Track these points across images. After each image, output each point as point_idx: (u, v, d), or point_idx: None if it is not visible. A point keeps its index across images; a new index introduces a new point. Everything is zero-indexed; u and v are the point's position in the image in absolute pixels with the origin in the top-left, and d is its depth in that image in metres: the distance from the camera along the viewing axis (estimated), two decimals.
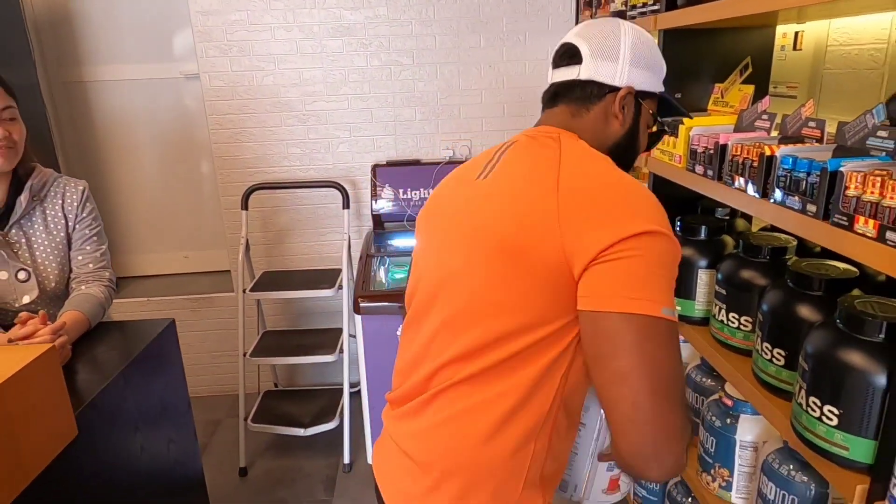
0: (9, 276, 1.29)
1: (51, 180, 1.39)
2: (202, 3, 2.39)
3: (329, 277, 2.43)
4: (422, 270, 0.97)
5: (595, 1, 2.22)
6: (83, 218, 1.40)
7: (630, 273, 0.76)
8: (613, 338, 0.74)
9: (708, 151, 1.37)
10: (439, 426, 0.88)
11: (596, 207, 0.80)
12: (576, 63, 0.91)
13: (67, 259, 1.39)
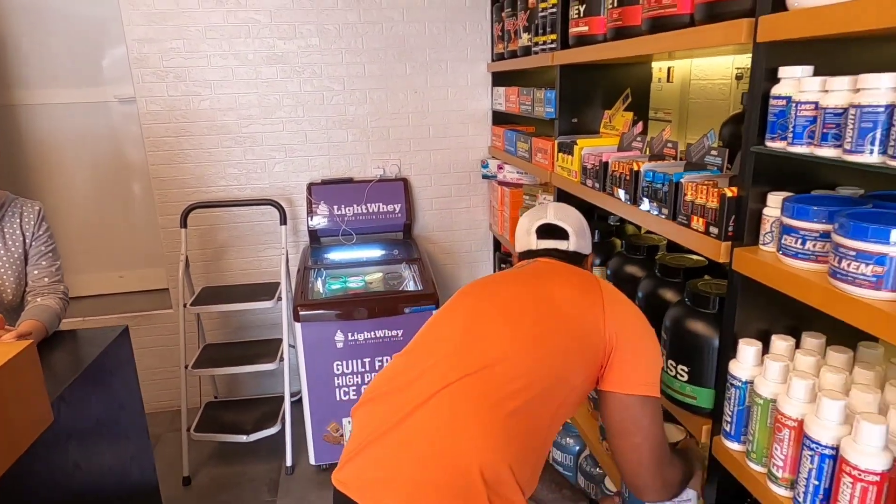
0: None
1: (8, 201, 1.48)
2: (138, 32, 2.50)
3: (268, 290, 2.56)
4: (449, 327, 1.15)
5: (506, 36, 2.50)
6: (39, 235, 1.50)
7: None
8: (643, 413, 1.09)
9: (595, 168, 1.64)
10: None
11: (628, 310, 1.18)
12: (564, 239, 1.28)
13: (24, 273, 1.49)
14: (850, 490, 0.84)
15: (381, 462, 0.99)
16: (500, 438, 0.97)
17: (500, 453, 0.96)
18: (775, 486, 0.99)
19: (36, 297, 1.48)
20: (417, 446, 0.98)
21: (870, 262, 0.78)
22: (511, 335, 1.06)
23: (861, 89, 0.80)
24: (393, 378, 1.10)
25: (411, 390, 1.03)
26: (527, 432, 1.01)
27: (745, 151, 1.02)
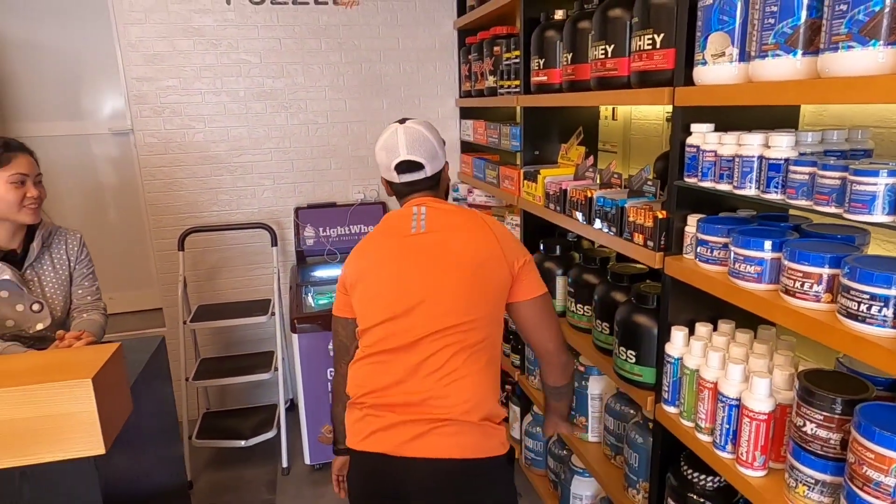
0: (24, 308, 1.58)
1: (54, 229, 1.70)
2: (137, 71, 2.72)
3: (260, 306, 2.79)
4: (394, 287, 1.33)
5: (473, 76, 2.84)
6: (81, 259, 1.73)
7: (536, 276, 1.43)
8: (543, 308, 1.40)
9: (556, 194, 1.97)
10: (465, 385, 1.32)
11: (514, 241, 1.42)
12: (420, 170, 1.43)
13: (69, 293, 1.70)
14: (749, 428, 1.17)
15: (396, 419, 1.30)
16: (486, 384, 1.35)
17: (489, 394, 1.35)
18: (701, 434, 1.32)
19: (82, 313, 1.70)
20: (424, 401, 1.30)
21: (752, 264, 1.13)
22: (454, 296, 1.32)
23: (742, 144, 1.15)
24: (383, 342, 1.33)
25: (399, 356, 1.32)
26: (496, 372, 1.40)
27: (671, 184, 1.37)
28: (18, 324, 1.58)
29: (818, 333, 0.99)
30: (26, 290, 1.59)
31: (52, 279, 1.66)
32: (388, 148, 1.43)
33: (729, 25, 1.15)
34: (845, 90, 0.89)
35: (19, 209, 1.55)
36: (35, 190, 1.58)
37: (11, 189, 1.54)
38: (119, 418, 1.19)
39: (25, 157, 1.60)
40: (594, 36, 1.67)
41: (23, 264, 1.62)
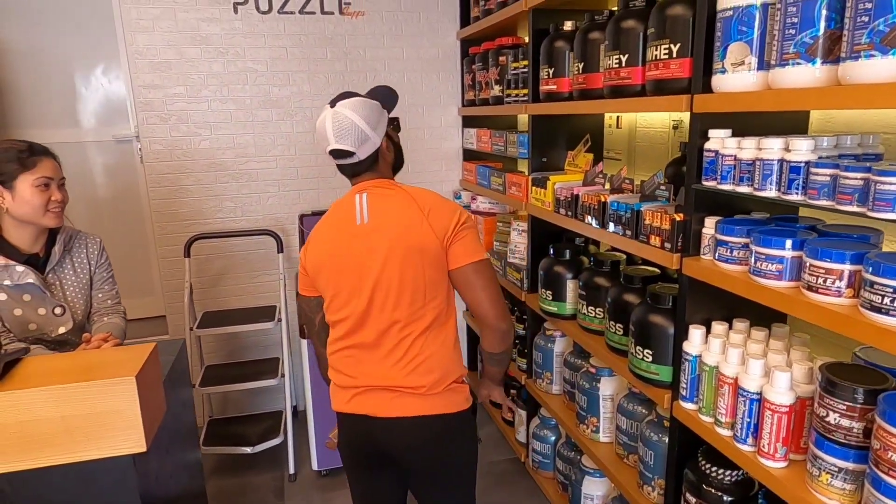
0: (46, 311, 1.58)
1: (74, 234, 1.71)
2: (144, 79, 2.73)
3: (266, 313, 2.79)
4: (348, 286, 1.42)
5: (477, 86, 2.89)
6: (102, 264, 1.73)
7: (471, 240, 1.44)
8: (478, 274, 1.42)
9: (567, 199, 2.02)
10: (430, 364, 1.43)
11: (442, 210, 1.43)
12: (352, 155, 1.43)
13: (90, 297, 1.70)
14: (771, 420, 1.22)
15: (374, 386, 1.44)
16: (448, 356, 1.46)
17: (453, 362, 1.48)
18: (721, 428, 1.36)
19: (103, 317, 1.70)
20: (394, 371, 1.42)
21: (774, 262, 1.18)
22: (400, 288, 1.39)
23: (762, 148, 1.20)
24: (349, 338, 1.45)
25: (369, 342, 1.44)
26: (454, 339, 1.49)
27: (688, 188, 1.42)
28: (41, 327, 1.58)
29: (842, 326, 1.04)
30: (49, 294, 1.59)
31: (73, 283, 1.67)
32: (319, 135, 1.45)
33: (748, 36, 1.21)
34: (870, 96, 0.95)
35: (44, 213, 1.56)
36: (59, 194, 1.59)
37: (37, 193, 1.55)
38: (156, 418, 1.20)
39: (50, 161, 1.60)
40: (608, 46, 1.73)
41: (45, 268, 1.62)
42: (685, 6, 1.43)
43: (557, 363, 2.32)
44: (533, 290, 2.39)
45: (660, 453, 1.66)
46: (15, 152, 1.55)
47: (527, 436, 2.61)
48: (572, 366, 2.20)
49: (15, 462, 1.07)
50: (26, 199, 1.53)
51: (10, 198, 1.53)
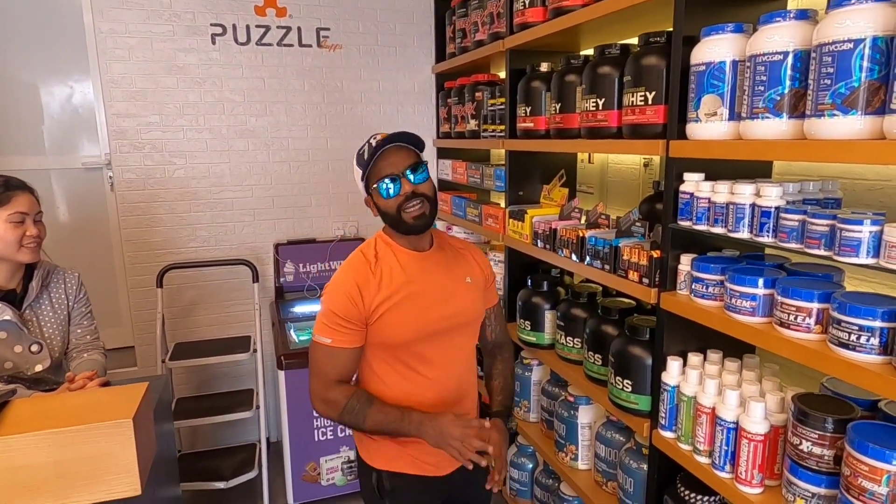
0: (23, 349, 1.54)
1: (52, 269, 1.67)
2: (118, 108, 2.71)
3: (241, 343, 2.76)
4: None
5: (452, 119, 2.97)
6: (80, 299, 1.70)
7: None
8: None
9: (545, 233, 2.09)
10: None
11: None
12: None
13: (67, 333, 1.67)
14: (747, 448, 1.29)
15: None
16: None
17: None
18: (700, 456, 1.43)
19: (82, 353, 1.66)
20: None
21: (748, 299, 1.26)
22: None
23: (735, 193, 1.29)
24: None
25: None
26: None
27: (665, 227, 1.50)
28: (17, 365, 1.54)
29: (812, 361, 1.12)
30: (26, 331, 1.55)
31: (50, 319, 1.63)
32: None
33: (720, 89, 1.31)
34: (833, 151, 1.05)
35: (18, 248, 1.52)
36: (35, 228, 1.56)
37: (10, 228, 1.52)
38: (148, 459, 1.19)
39: (26, 196, 1.58)
40: (585, 90, 1.82)
41: (22, 304, 1.58)
42: (658, 57, 1.53)
43: (535, 391, 2.36)
44: (510, 319, 2.44)
45: (639, 480, 1.72)
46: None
47: None
48: (550, 394, 2.25)
49: None
50: (0, 235, 1.50)
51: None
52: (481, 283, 1.56)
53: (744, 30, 1.30)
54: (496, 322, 1.65)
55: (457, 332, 1.50)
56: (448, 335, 1.48)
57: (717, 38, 1.31)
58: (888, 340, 1.02)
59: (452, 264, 1.52)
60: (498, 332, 1.67)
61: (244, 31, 2.83)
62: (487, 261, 1.62)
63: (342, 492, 2.65)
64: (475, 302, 1.53)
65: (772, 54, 1.17)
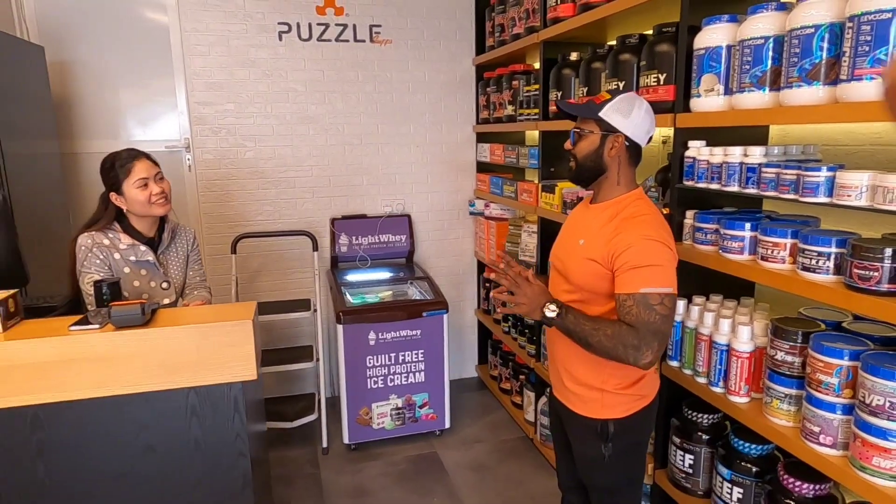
0: (156, 285, 1.94)
1: (177, 226, 2.08)
2: (199, 97, 3.11)
3: (302, 305, 3.13)
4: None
5: (491, 106, 3.28)
6: (194, 248, 2.11)
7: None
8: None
9: (573, 202, 2.38)
10: None
11: None
12: None
13: (185, 274, 2.07)
14: (736, 365, 1.57)
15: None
16: None
17: None
18: (699, 377, 1.71)
19: (194, 290, 2.07)
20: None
21: (736, 241, 1.54)
22: None
23: (727, 154, 1.57)
24: None
25: None
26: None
27: (673, 187, 1.79)
28: (150, 297, 1.92)
29: (783, 284, 1.40)
30: (161, 271, 1.95)
31: (175, 263, 2.03)
32: (653, 118, 1.47)
33: (716, 69, 1.59)
34: (800, 114, 1.32)
35: (149, 205, 1.90)
36: (157, 186, 1.92)
37: (139, 192, 1.88)
38: (258, 354, 1.54)
39: (143, 162, 1.92)
40: (608, 74, 2.11)
41: (157, 250, 1.98)
42: (669, 44, 1.82)
43: None
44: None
45: None
46: (113, 164, 1.90)
47: (535, 414, 2.93)
48: None
49: (160, 382, 1.40)
50: (134, 199, 1.88)
51: (123, 201, 1.89)
52: (598, 254, 1.41)
53: (738, 20, 1.57)
54: (628, 317, 1.35)
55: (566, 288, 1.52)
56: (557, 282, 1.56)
57: (714, 27, 1.59)
58: (840, 263, 1.29)
59: (589, 223, 1.50)
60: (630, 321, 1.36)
61: (307, 29, 3.19)
62: (628, 242, 1.35)
63: (391, 435, 2.99)
64: (582, 264, 1.45)
65: (756, 39, 1.44)
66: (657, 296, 1.32)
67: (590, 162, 1.48)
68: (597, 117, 1.43)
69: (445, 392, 3.03)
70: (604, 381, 1.48)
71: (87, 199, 3.24)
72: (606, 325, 1.36)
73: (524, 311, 1.43)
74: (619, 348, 1.33)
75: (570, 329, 1.40)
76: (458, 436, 3.12)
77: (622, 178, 1.47)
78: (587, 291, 1.46)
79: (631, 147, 1.45)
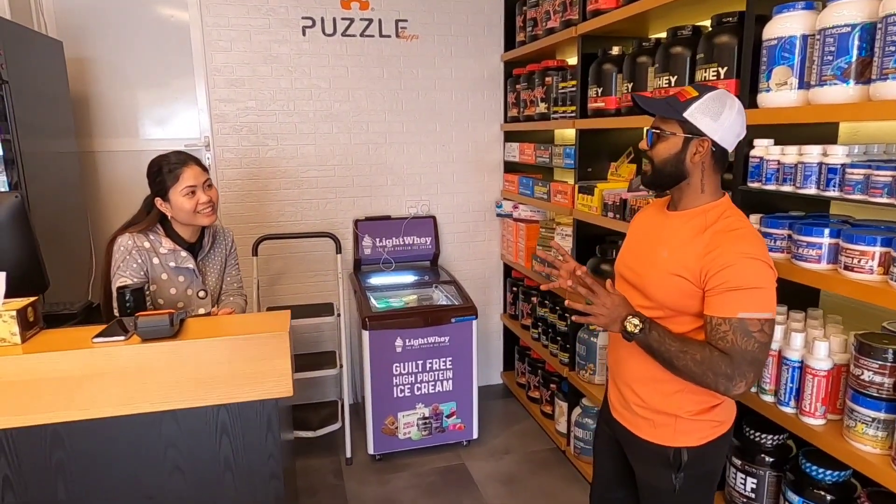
0: (193, 293, 1.83)
1: (217, 228, 1.97)
2: (220, 93, 3.01)
3: (325, 309, 3.02)
4: None
5: (521, 103, 3.16)
6: (232, 253, 2.02)
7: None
8: None
9: (615, 204, 2.26)
10: None
11: None
12: None
13: (222, 280, 1.97)
14: (811, 384, 1.43)
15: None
16: None
17: None
18: (764, 395, 1.58)
19: (229, 296, 1.97)
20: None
21: (814, 248, 1.41)
22: None
23: (803, 153, 1.44)
24: None
25: None
26: None
27: (735, 189, 1.65)
28: (186, 306, 1.82)
29: (873, 296, 1.26)
30: (199, 279, 1.84)
31: (214, 270, 1.93)
32: (745, 119, 1.31)
33: (790, 61, 1.46)
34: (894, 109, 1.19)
35: (195, 215, 1.79)
36: (205, 195, 1.80)
37: (185, 200, 1.77)
38: (293, 369, 1.43)
39: (191, 169, 1.80)
40: (658, 68, 1.98)
41: (197, 256, 1.88)
42: (730, 35, 1.69)
43: (601, 355, 2.53)
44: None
45: None
46: (160, 168, 1.79)
47: (568, 425, 2.81)
48: None
49: (188, 399, 1.30)
50: (179, 207, 1.77)
51: (168, 207, 1.79)
52: (687, 270, 1.26)
53: (814, 7, 1.44)
54: (721, 342, 1.21)
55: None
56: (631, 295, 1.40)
57: (788, 16, 1.46)
58: None
59: (672, 233, 1.35)
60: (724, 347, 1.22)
61: (331, 24, 3.09)
62: (725, 260, 1.20)
63: (417, 445, 2.88)
64: (665, 279, 1.30)
65: (840, 27, 1.31)
66: (756, 321, 1.19)
67: (669, 167, 1.33)
68: (680, 118, 1.29)
69: (474, 401, 2.92)
70: (678, 405, 1.35)
71: (105, 199, 3.16)
72: (695, 347, 1.24)
73: (602, 322, 1.31)
74: (708, 375, 1.20)
75: (654, 347, 1.27)
76: (487, 446, 3.00)
77: (707, 186, 1.33)
78: (669, 309, 1.33)
79: (717, 152, 1.30)
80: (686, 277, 1.27)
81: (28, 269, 1.51)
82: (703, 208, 1.33)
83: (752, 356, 1.19)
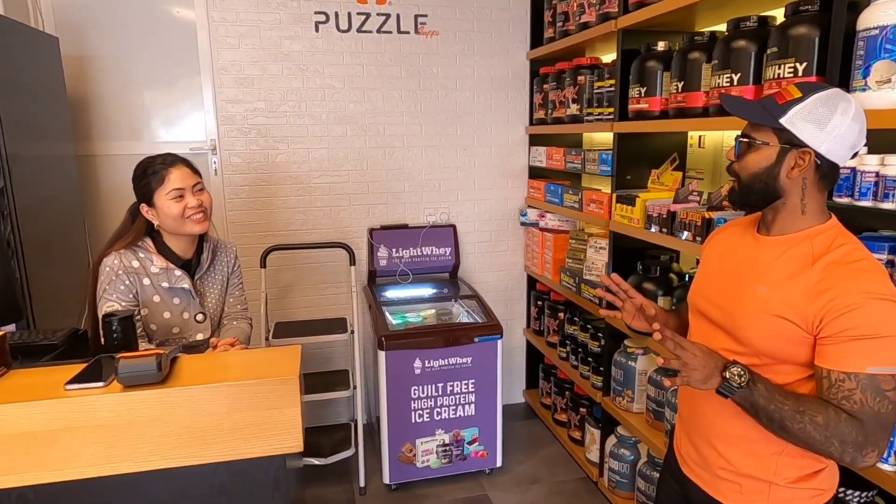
0: (190, 316, 1.62)
1: (217, 242, 1.75)
2: (227, 94, 2.81)
3: (337, 325, 2.82)
4: None
5: (549, 105, 2.93)
6: (235, 270, 1.79)
7: None
8: None
9: (661, 216, 2.03)
10: None
11: None
12: None
13: (224, 302, 1.75)
14: None
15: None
16: None
17: None
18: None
19: (232, 321, 1.75)
20: None
21: None
22: None
23: None
24: None
25: None
26: None
27: None
28: (182, 331, 1.62)
29: None
30: (196, 301, 1.63)
31: (214, 291, 1.71)
32: (864, 124, 1.06)
33: (894, 55, 1.22)
34: None
35: (184, 221, 1.58)
36: (195, 199, 1.59)
37: (172, 204, 1.56)
38: (304, 419, 1.22)
39: (178, 170, 1.60)
40: (717, 65, 1.75)
41: (194, 274, 1.67)
42: (810, 26, 1.46)
43: (640, 381, 2.30)
44: (612, 307, 2.38)
45: None
46: (145, 170, 1.59)
47: (601, 455, 2.58)
48: (657, 383, 2.18)
49: (181, 457, 1.09)
50: (166, 213, 1.57)
51: (154, 213, 1.59)
52: (794, 312, 1.04)
53: None
54: (845, 402, 0.99)
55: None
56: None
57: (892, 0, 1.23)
58: None
59: (769, 263, 1.11)
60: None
61: (346, 19, 2.88)
62: (848, 301, 0.98)
63: (436, 474, 2.66)
64: (766, 322, 1.08)
65: None
66: (891, 378, 0.97)
67: (759, 183, 1.10)
68: (776, 125, 1.06)
69: (498, 426, 2.70)
70: (775, 471, 1.12)
71: (105, 205, 2.97)
72: (814, 407, 1.01)
73: (698, 378, 1.05)
74: (832, 443, 0.98)
75: (759, 405, 1.03)
76: (511, 474, 2.78)
77: (809, 206, 1.09)
78: (767, 357, 1.10)
79: (823, 166, 1.06)
80: (792, 320, 1.04)
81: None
82: (806, 233, 1.09)
83: (885, 420, 0.97)
